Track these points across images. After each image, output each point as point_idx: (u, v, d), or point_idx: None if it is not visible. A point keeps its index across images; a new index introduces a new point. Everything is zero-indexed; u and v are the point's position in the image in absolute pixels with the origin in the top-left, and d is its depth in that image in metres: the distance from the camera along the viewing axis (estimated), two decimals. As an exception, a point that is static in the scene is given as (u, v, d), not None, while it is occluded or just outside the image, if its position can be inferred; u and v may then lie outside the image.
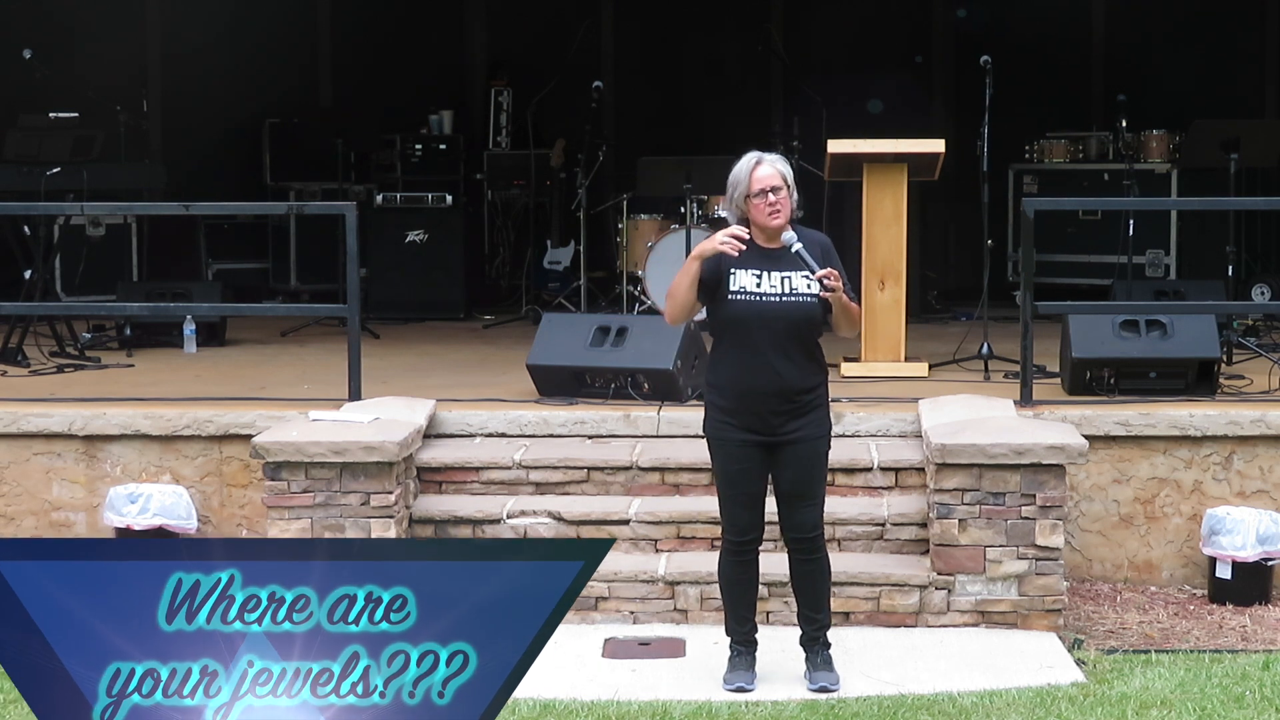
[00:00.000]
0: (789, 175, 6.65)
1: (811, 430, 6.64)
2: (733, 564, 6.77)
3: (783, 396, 6.56)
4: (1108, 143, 13.82)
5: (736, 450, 6.63)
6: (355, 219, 9.06)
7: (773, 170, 6.61)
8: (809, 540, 6.73)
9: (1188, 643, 7.61)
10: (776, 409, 6.57)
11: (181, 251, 13.76)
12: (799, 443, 6.61)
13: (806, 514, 6.69)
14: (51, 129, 11.86)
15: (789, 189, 6.60)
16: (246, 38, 14.48)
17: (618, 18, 15.60)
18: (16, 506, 8.82)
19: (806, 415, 6.62)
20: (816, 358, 6.68)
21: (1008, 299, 11.75)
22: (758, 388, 6.56)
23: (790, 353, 6.56)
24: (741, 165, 6.68)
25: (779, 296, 6.55)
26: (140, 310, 10.96)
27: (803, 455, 6.63)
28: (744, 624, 6.85)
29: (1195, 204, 12.65)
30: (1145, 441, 8.52)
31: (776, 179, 6.58)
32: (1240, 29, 14.91)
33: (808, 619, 6.85)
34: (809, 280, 6.55)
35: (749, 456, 6.62)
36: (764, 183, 6.58)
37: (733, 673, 6.82)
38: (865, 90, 14.57)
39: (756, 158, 6.66)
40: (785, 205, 6.58)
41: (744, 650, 6.85)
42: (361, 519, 7.70)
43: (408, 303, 13.24)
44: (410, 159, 14.40)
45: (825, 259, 6.61)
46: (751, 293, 6.57)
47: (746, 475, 6.65)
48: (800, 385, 6.59)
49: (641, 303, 12.31)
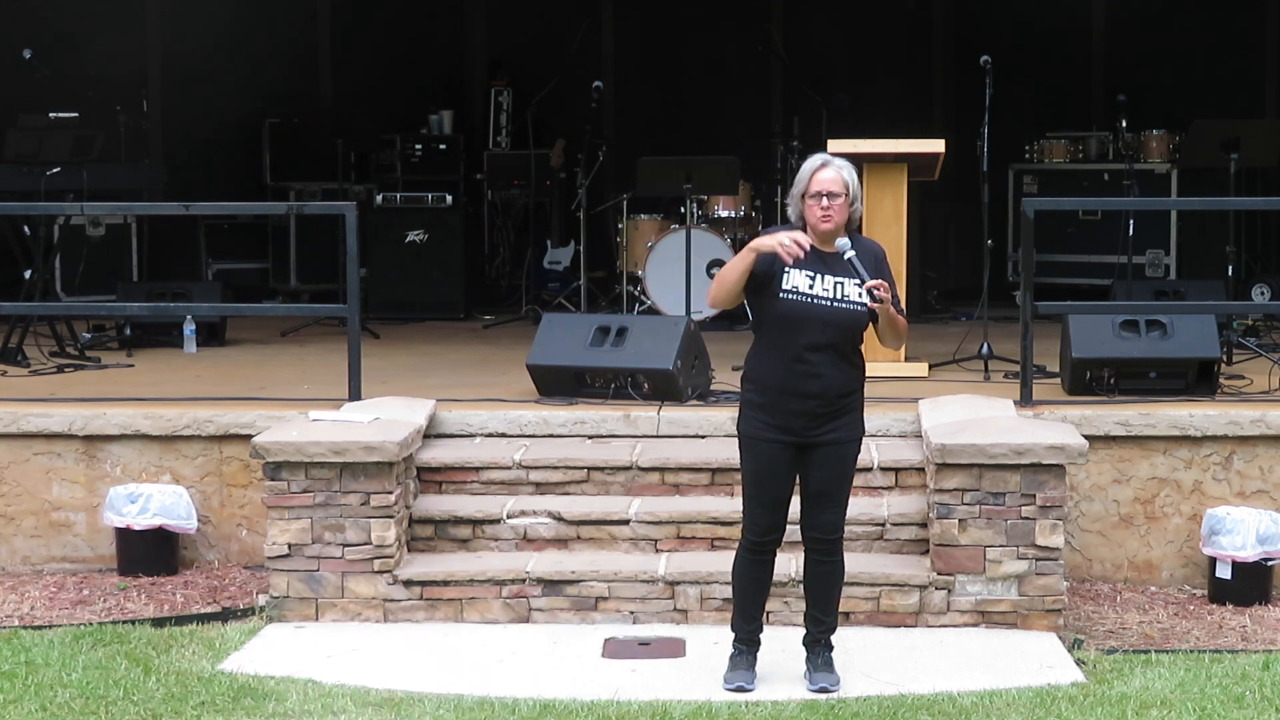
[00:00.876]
0: (853, 184, 6.60)
1: (845, 433, 6.65)
2: (749, 562, 6.77)
3: (822, 399, 6.56)
4: (1108, 143, 13.83)
5: (769, 451, 6.61)
6: (355, 219, 9.06)
7: (835, 175, 6.57)
8: (829, 542, 6.73)
9: (1188, 643, 7.61)
10: (815, 410, 6.56)
11: (181, 251, 13.78)
12: (832, 445, 6.62)
13: (830, 515, 6.70)
14: (51, 129, 11.85)
15: (848, 198, 6.57)
16: (246, 38, 14.50)
17: (618, 18, 15.61)
18: (16, 506, 8.82)
19: (842, 418, 6.62)
20: (857, 363, 6.68)
21: (1008, 299, 11.75)
22: (798, 388, 6.55)
23: (833, 356, 6.56)
24: (807, 164, 6.65)
25: (830, 301, 6.54)
26: (140, 310, 10.97)
27: (834, 457, 6.64)
28: (750, 623, 6.85)
29: (1195, 204, 12.65)
30: (1145, 441, 8.52)
31: (836, 185, 6.55)
32: (1240, 29, 14.91)
33: (815, 620, 6.85)
34: (860, 289, 6.55)
35: (780, 459, 6.61)
36: (823, 186, 6.55)
37: (733, 672, 6.82)
38: (865, 90, 14.59)
39: (823, 159, 6.63)
40: (839, 212, 6.55)
41: (746, 650, 6.85)
42: (361, 519, 7.70)
43: (408, 303, 13.24)
44: (410, 159, 14.42)
45: (877, 269, 6.60)
46: (803, 293, 6.55)
47: (775, 477, 6.64)
48: (840, 389, 6.59)
49: (641, 303, 12.31)
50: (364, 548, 7.69)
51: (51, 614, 8.05)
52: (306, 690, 6.72)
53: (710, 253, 12.15)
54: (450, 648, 7.37)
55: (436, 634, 7.56)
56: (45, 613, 8.08)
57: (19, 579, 8.66)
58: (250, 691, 6.68)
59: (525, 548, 7.96)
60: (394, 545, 7.72)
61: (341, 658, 7.20)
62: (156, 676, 6.88)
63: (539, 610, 7.68)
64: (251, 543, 8.70)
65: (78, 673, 6.91)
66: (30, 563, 8.82)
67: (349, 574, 7.70)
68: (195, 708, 6.53)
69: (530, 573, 7.70)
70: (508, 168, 14.46)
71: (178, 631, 7.56)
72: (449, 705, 6.55)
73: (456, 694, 6.68)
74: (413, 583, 7.71)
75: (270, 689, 6.72)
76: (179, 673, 6.94)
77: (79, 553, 8.82)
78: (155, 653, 7.22)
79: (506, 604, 7.69)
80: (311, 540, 7.70)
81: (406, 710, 6.52)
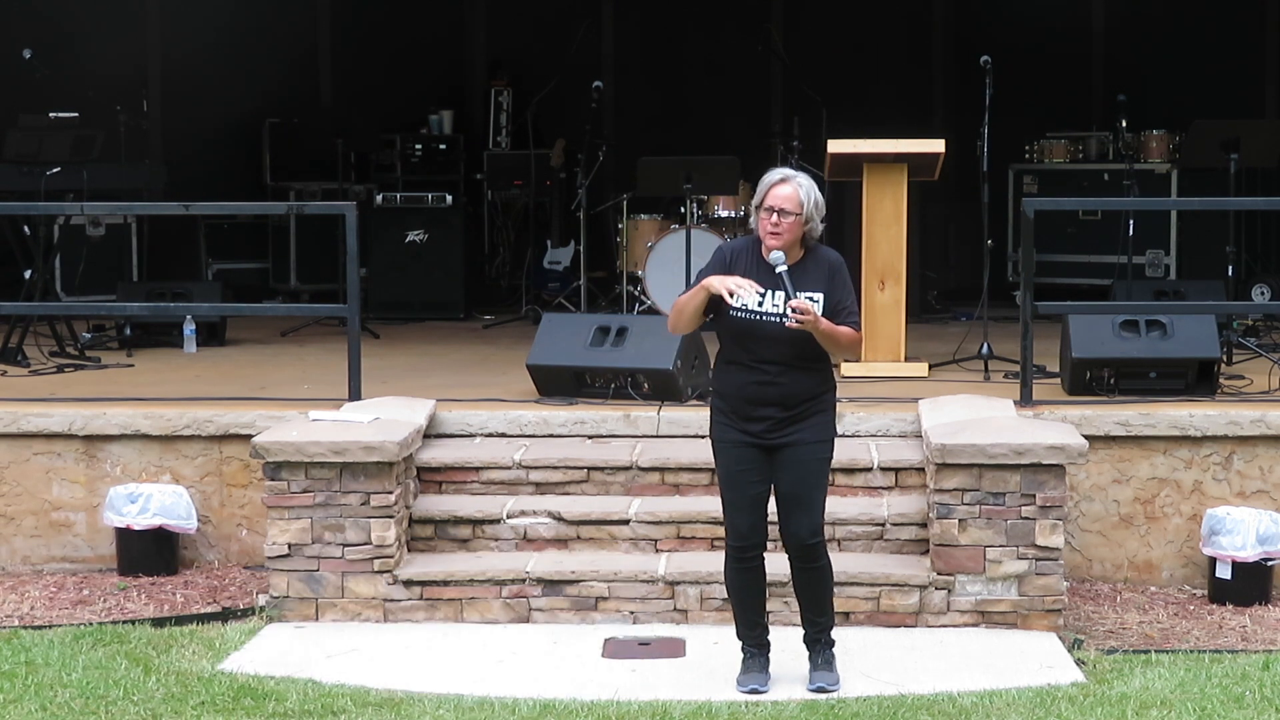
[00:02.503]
0: (809, 203, 6.50)
1: (809, 435, 6.61)
2: (735, 570, 6.76)
3: (781, 405, 6.56)
4: (1108, 143, 13.82)
5: (736, 451, 6.62)
6: (355, 219, 9.06)
7: (791, 192, 6.50)
8: (807, 548, 6.69)
9: (1188, 643, 7.61)
10: (775, 415, 6.56)
11: (181, 251, 13.77)
12: (796, 446, 6.59)
13: (802, 520, 6.64)
14: (51, 129, 11.85)
15: (801, 216, 6.49)
16: (246, 38, 14.49)
17: (618, 18, 15.60)
18: (16, 506, 8.82)
19: (806, 421, 6.60)
20: (819, 369, 6.64)
21: (1008, 299, 11.75)
22: (757, 396, 6.56)
23: (790, 366, 6.54)
24: (767, 176, 6.59)
25: (778, 317, 6.51)
26: (140, 310, 10.97)
27: (799, 459, 6.60)
28: (754, 628, 6.83)
29: (1195, 204, 12.65)
30: (1145, 441, 8.52)
31: (789, 203, 6.48)
32: (1240, 29, 14.91)
33: (810, 621, 6.85)
34: (812, 300, 6.50)
35: (748, 459, 6.61)
36: (776, 201, 6.51)
37: (746, 675, 6.79)
38: (865, 90, 14.58)
39: (783, 175, 6.56)
40: (788, 230, 6.49)
41: (756, 653, 6.82)
42: (361, 519, 7.70)
43: (408, 303, 13.25)
44: (410, 159, 14.42)
45: (830, 280, 6.56)
46: (752, 310, 6.54)
47: (746, 478, 6.63)
48: (800, 395, 6.58)
49: (641, 303, 12.31)
50: (364, 548, 7.69)
51: (51, 614, 8.05)
52: (306, 690, 6.72)
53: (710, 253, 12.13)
54: (450, 648, 7.37)
55: (436, 634, 7.56)
56: (45, 613, 8.08)
57: (19, 579, 8.66)
58: (250, 691, 6.68)
59: (525, 548, 7.96)
60: (394, 545, 7.72)
61: (341, 658, 7.20)
62: (156, 676, 6.88)
63: (539, 610, 7.68)
64: (251, 543, 8.70)
65: (78, 673, 6.91)
66: (30, 563, 8.83)
67: (349, 574, 7.70)
68: (195, 708, 6.53)
69: (530, 573, 7.70)
70: (508, 168, 14.45)
71: (178, 631, 7.56)
72: (449, 705, 6.55)
73: (456, 694, 6.68)
74: (413, 583, 7.71)
75: (270, 689, 6.72)
76: (179, 673, 6.94)
77: (79, 553, 8.82)
78: (155, 653, 7.23)
79: (506, 604, 7.69)
80: (311, 540, 7.70)
81: (406, 710, 6.52)
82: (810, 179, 6.60)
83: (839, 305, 6.57)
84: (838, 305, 6.57)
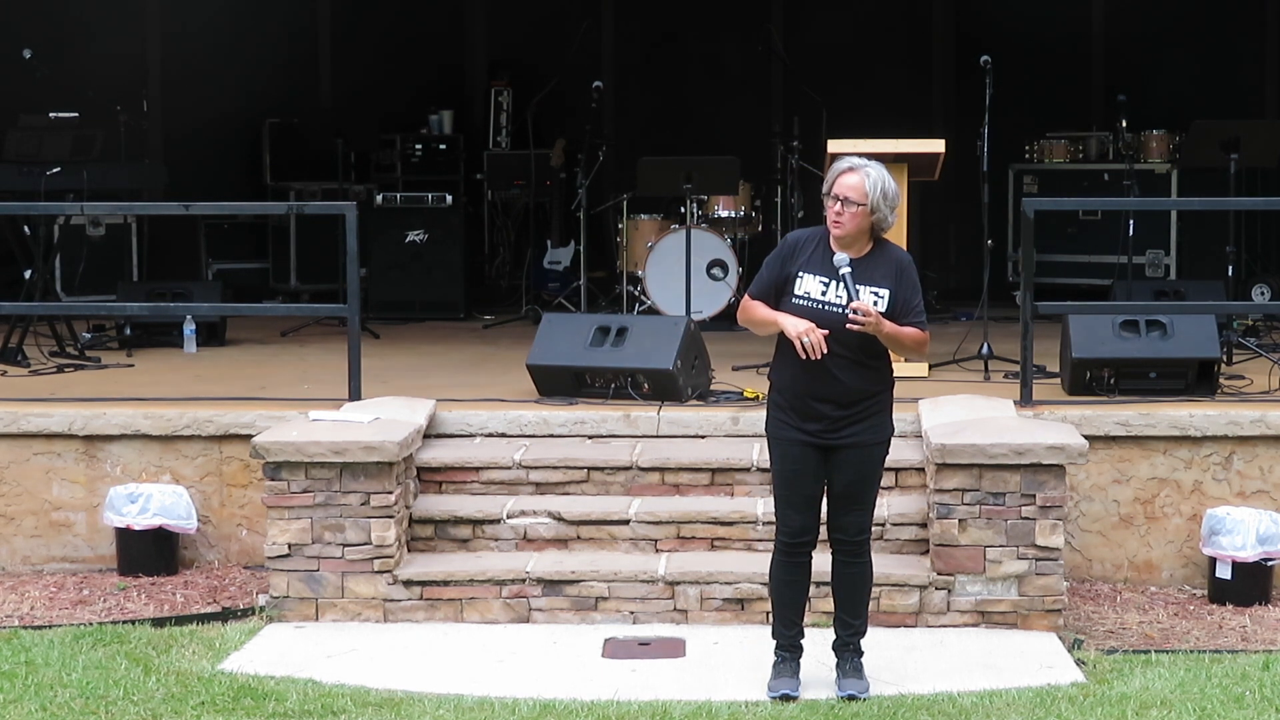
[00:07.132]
0: (875, 194, 6.43)
1: (868, 436, 6.59)
2: (783, 565, 6.70)
3: (839, 403, 6.52)
4: (1108, 143, 13.82)
5: (793, 450, 6.58)
6: (355, 219, 9.06)
7: (857, 182, 6.45)
8: (854, 544, 6.68)
9: (1188, 643, 7.61)
10: (832, 413, 6.52)
11: (181, 251, 13.77)
12: (855, 447, 6.57)
13: (855, 517, 6.65)
14: (51, 129, 11.86)
15: (866, 207, 6.43)
16: (246, 38, 14.50)
17: (618, 18, 15.60)
18: (16, 506, 8.82)
19: (865, 420, 6.56)
20: (878, 367, 6.59)
21: (1008, 299, 11.75)
22: (816, 392, 6.51)
23: (850, 361, 6.49)
24: (839, 163, 6.54)
25: (841, 308, 6.46)
26: (140, 310, 10.97)
27: (858, 459, 6.59)
28: (791, 628, 6.76)
29: (1195, 204, 12.64)
30: (1145, 442, 8.52)
31: (854, 193, 6.43)
32: (1240, 29, 14.92)
33: (843, 624, 6.79)
34: (877, 296, 6.48)
35: (805, 457, 6.58)
36: (841, 190, 6.46)
37: (777, 679, 6.73)
38: (865, 90, 14.58)
39: (851, 164, 6.51)
40: (850, 220, 6.44)
41: (789, 656, 6.77)
42: (361, 519, 7.70)
43: (408, 303, 13.24)
44: (410, 159, 14.42)
45: (898, 279, 6.51)
46: (816, 299, 6.50)
47: (802, 477, 6.60)
48: (859, 392, 6.53)
49: (641, 303, 12.31)
50: (364, 548, 7.69)
51: (51, 614, 8.05)
52: (306, 690, 6.72)
53: (710, 253, 12.16)
54: (450, 648, 7.37)
55: (436, 634, 7.56)
56: (45, 613, 8.08)
57: (19, 579, 8.66)
58: (250, 691, 6.68)
59: (525, 548, 7.96)
60: (394, 545, 7.72)
61: (341, 658, 7.20)
62: (156, 676, 6.88)
63: (539, 610, 7.68)
64: (251, 543, 8.70)
65: (78, 673, 6.91)
66: (30, 563, 8.83)
67: (349, 574, 7.71)
68: (195, 708, 6.53)
69: (530, 573, 7.70)
70: (508, 168, 14.45)
71: (178, 631, 7.56)
72: (449, 705, 6.55)
73: (456, 694, 6.69)
74: (413, 583, 7.72)
75: (270, 689, 6.72)
76: (179, 673, 6.94)
77: (79, 553, 8.82)
78: (155, 653, 7.23)
79: (506, 604, 7.69)
80: (311, 540, 7.70)
81: (406, 710, 6.52)
82: (882, 169, 6.52)
83: (906, 305, 6.52)
84: (904, 305, 6.52)
